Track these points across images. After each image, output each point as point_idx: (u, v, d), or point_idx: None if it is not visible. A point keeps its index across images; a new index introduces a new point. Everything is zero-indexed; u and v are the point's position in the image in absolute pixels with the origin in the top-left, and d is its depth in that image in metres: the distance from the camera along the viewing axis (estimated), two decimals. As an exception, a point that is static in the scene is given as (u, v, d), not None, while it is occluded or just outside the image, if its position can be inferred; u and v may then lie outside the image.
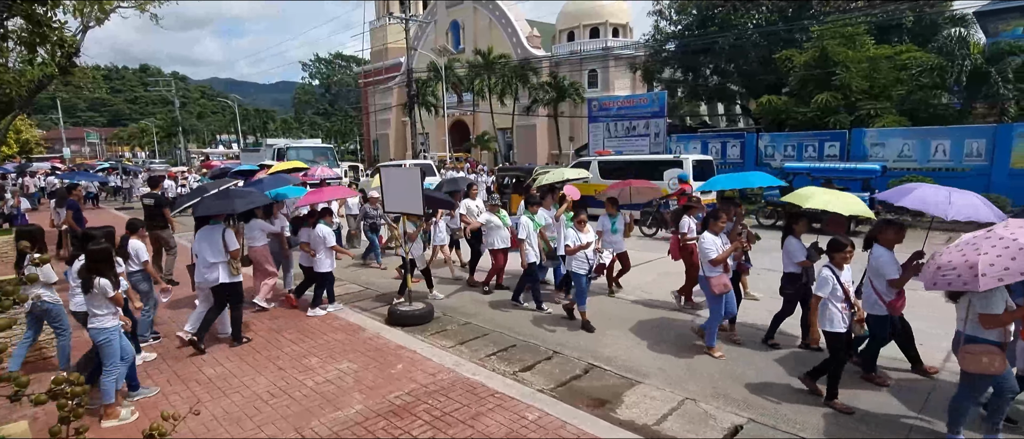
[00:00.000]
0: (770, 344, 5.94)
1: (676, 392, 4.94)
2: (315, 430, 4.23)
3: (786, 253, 5.75)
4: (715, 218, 5.74)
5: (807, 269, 5.65)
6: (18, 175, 25.62)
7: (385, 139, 52.71)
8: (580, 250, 6.49)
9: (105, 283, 4.29)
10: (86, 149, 74.08)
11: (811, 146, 18.27)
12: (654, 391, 4.98)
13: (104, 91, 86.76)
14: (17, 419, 4.30)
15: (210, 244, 5.96)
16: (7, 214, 13.69)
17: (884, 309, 4.75)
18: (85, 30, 12.63)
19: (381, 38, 52.50)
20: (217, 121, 73.01)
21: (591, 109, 25.14)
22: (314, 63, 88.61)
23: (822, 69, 19.09)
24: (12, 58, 11.83)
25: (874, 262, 4.80)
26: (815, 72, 19.31)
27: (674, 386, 5.07)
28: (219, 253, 5.94)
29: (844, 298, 4.47)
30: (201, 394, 4.90)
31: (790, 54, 20.09)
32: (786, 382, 5.10)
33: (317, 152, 24.60)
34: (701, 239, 5.70)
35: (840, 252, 4.56)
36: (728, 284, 5.63)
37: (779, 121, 21.28)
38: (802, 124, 19.65)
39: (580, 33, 39.54)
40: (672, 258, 7.60)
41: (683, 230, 7.29)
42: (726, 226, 5.93)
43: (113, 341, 4.38)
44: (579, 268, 6.56)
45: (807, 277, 5.65)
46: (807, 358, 5.50)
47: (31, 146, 45.64)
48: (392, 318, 6.94)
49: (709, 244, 5.58)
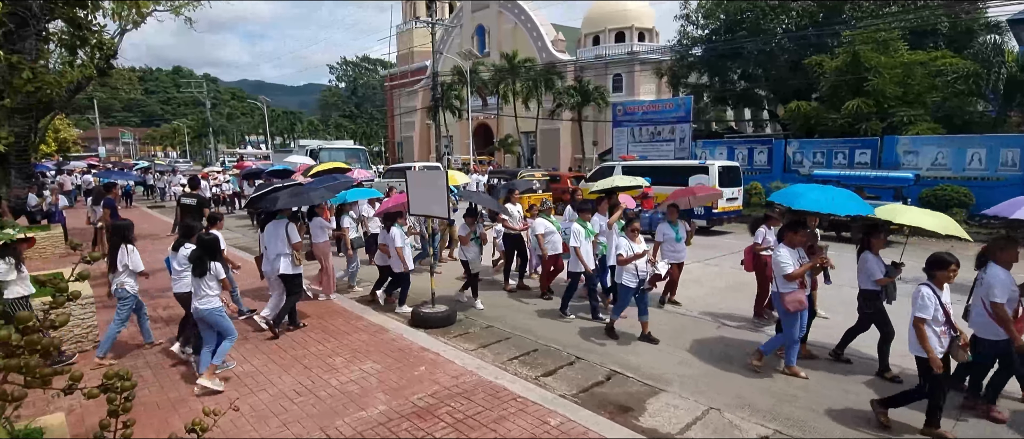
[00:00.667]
0: (842, 359, 5.61)
1: (700, 401, 4.86)
2: (340, 430, 4.28)
3: (863, 270, 5.38)
4: (793, 230, 5.33)
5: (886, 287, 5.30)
6: (56, 173, 26.58)
7: (409, 142, 53.26)
8: (633, 261, 6.17)
9: (218, 266, 4.96)
10: (121, 148, 76.41)
11: (841, 153, 17.85)
12: (677, 400, 4.91)
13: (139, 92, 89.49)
14: (53, 411, 4.44)
15: (275, 237, 6.57)
16: (46, 211, 14.19)
17: (1001, 332, 4.24)
18: (122, 33, 13.06)
19: (407, 42, 53.16)
20: (246, 122, 74.70)
21: (616, 113, 25.01)
22: (341, 66, 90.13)
23: (853, 75, 18.65)
24: (53, 60, 12.29)
25: (989, 281, 4.29)
26: (846, 78, 18.88)
27: (698, 395, 4.99)
28: (283, 245, 6.49)
29: (945, 320, 4.06)
30: (229, 390, 5.00)
31: (821, 59, 19.68)
32: (817, 395, 4.98)
33: (349, 154, 24.55)
34: (776, 252, 5.34)
35: (943, 270, 4.13)
36: (804, 301, 5.23)
37: (808, 127, 20.86)
38: (832, 131, 19.23)
39: (605, 37, 39.39)
40: (745, 269, 7.22)
41: (758, 240, 6.94)
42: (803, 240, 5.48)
43: (224, 314, 5.09)
44: (628, 281, 6.22)
45: (886, 295, 5.32)
46: (837, 374, 5.36)
47: (69, 145, 47.33)
48: (415, 319, 6.98)
49: (785, 258, 5.19)
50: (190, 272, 5.04)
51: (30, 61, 6.95)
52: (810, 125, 20.66)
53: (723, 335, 6.65)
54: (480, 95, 41.56)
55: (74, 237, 12.58)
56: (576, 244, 7.09)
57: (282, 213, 6.71)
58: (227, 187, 20.81)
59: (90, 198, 14.52)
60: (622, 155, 22.59)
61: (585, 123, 37.46)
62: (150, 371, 5.48)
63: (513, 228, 8.84)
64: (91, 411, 4.57)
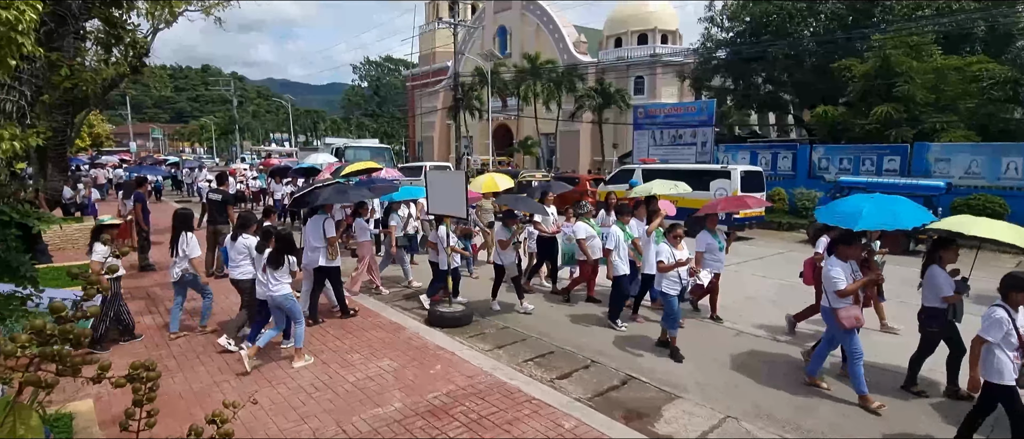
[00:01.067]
0: (914, 392, 5.13)
1: (717, 410, 4.80)
2: (356, 426, 4.33)
3: (930, 285, 5.00)
4: (846, 243, 4.96)
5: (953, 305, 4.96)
6: (90, 167, 27.44)
7: (430, 142, 53.62)
8: (675, 268, 5.95)
9: (293, 259, 5.52)
10: (151, 144, 78.46)
11: (869, 160, 17.45)
12: (694, 407, 4.85)
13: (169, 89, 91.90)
14: (82, 398, 4.60)
15: (314, 232, 6.90)
16: (79, 203, 14.66)
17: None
18: (155, 32, 13.40)
19: (430, 43, 53.57)
20: (271, 120, 76.09)
21: (637, 116, 24.84)
22: (364, 66, 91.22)
23: (884, 80, 18.21)
24: (89, 58, 12.69)
25: None
26: (876, 83, 18.43)
27: (715, 403, 4.93)
28: (320, 240, 6.82)
29: (1018, 345, 3.80)
30: (249, 385, 5.10)
31: (850, 63, 19.25)
32: (841, 407, 4.88)
33: (374, 152, 24.39)
34: (826, 265, 4.98)
35: (1021, 291, 3.81)
36: (860, 317, 4.86)
37: (834, 133, 20.43)
38: (859, 136, 18.80)
39: (628, 39, 39.14)
40: (804, 282, 6.68)
41: (819, 250, 6.40)
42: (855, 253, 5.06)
43: (294, 299, 5.56)
44: (670, 288, 6.00)
45: (953, 313, 4.98)
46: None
47: (102, 140, 48.83)
48: (432, 319, 7.04)
49: (836, 272, 4.83)
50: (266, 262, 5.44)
51: (68, 59, 7.19)
52: (837, 131, 20.23)
53: (742, 343, 6.56)
54: (500, 96, 41.65)
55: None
56: (611, 247, 6.96)
57: (323, 209, 7.04)
58: (253, 184, 21.02)
59: (121, 192, 14.95)
60: (642, 158, 22.42)
61: (605, 125, 37.24)
62: (175, 362, 5.62)
63: (546, 231, 8.67)
64: (117, 399, 4.71)
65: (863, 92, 18.96)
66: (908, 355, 5.26)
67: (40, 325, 0.93)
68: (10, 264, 3.30)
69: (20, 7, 3.28)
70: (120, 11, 11.23)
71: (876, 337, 6.45)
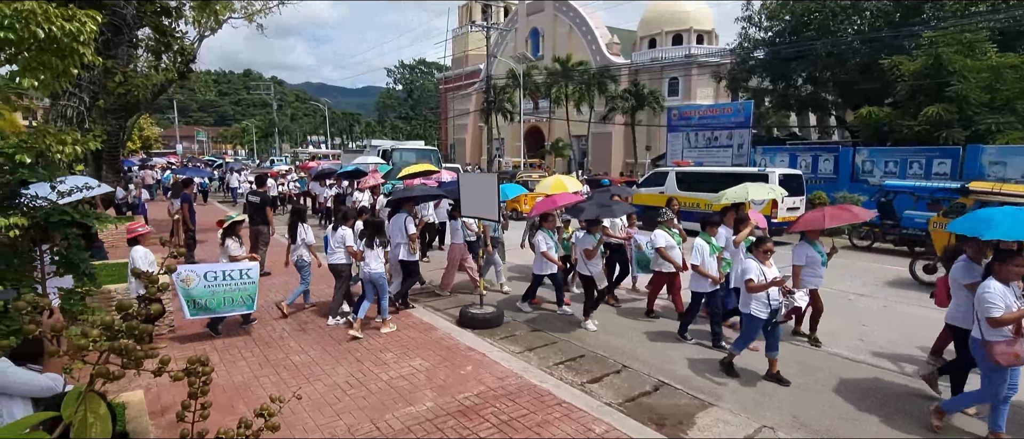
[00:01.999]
0: None
1: (752, 418, 4.69)
2: (389, 423, 4.42)
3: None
4: (1009, 261, 4.10)
5: None
6: (140, 168, 28.74)
7: (462, 143, 54.12)
8: (765, 289, 5.24)
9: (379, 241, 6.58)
10: (196, 146, 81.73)
11: (917, 163, 16.71)
12: (728, 415, 4.76)
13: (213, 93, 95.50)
14: (133, 388, 4.84)
15: (396, 228, 7.57)
16: (130, 203, 15.40)
17: None
18: (201, 39, 14.02)
19: (462, 46, 54.12)
20: (308, 123, 78.20)
21: (671, 118, 24.49)
22: (398, 69, 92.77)
23: (934, 79, 17.42)
24: (140, 64, 13.35)
25: None
26: (926, 82, 17.64)
27: (750, 412, 4.82)
28: (402, 236, 7.46)
29: None
30: (288, 379, 5.27)
31: (899, 60, 18.46)
32: (888, 417, 4.70)
33: (420, 155, 23.69)
34: (983, 288, 4.14)
35: None
36: (1021, 355, 3.98)
37: (880, 134, 19.66)
38: (907, 138, 18.03)
39: (662, 40, 38.63)
40: (936, 303, 5.75)
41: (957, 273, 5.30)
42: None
43: (385, 278, 6.67)
44: (759, 311, 5.28)
45: None
46: (914, 395, 5.02)
47: (151, 142, 51.13)
48: (463, 320, 7.10)
49: (995, 296, 4.00)
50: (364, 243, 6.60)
51: (122, 66, 7.59)
52: (882, 132, 19.45)
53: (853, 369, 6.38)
54: (532, 98, 41.69)
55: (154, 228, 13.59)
56: (698, 261, 6.36)
57: (404, 207, 7.71)
58: (293, 186, 21.25)
59: (169, 192, 15.61)
60: (676, 160, 22.08)
61: (638, 127, 36.85)
62: (217, 355, 5.85)
63: (615, 237, 8.09)
64: (165, 391, 4.93)
65: (912, 92, 18.18)
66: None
67: (109, 321, 1.01)
68: (72, 261, 3.51)
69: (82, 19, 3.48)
70: (170, 20, 11.78)
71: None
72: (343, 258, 6.97)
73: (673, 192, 15.36)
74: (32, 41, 3.15)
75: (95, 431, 0.95)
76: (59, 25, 3.24)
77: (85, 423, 0.94)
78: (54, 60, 3.35)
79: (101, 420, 0.97)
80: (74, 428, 0.94)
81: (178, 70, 13.04)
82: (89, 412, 0.95)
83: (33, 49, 3.21)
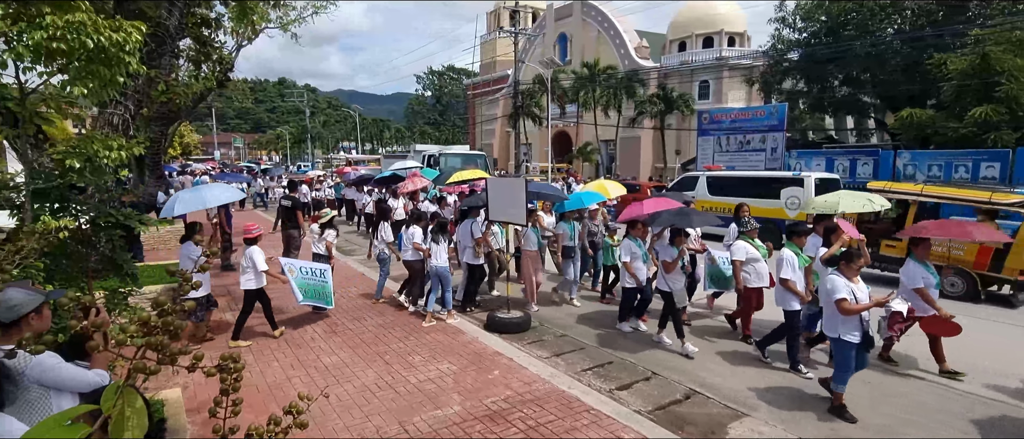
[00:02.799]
0: None
1: (788, 429, 4.54)
2: (416, 426, 4.44)
3: None
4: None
5: None
6: (179, 173, 29.79)
7: (489, 149, 54.34)
8: (860, 311, 4.59)
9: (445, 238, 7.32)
10: (232, 152, 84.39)
11: (963, 166, 15.99)
12: (763, 426, 4.61)
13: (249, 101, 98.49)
14: (171, 387, 4.99)
15: (464, 233, 7.98)
16: (172, 207, 15.96)
17: None
18: (238, 48, 14.46)
19: (490, 51, 54.44)
20: (340, 129, 79.87)
21: (701, 122, 24.07)
22: (427, 75, 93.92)
23: (982, 79, 16.66)
24: (181, 74, 13.84)
25: None
26: (973, 82, 16.89)
27: (786, 423, 4.67)
28: (469, 240, 7.85)
29: None
30: (318, 380, 5.36)
31: (944, 59, 17.68)
32: (927, 430, 4.49)
33: (466, 159, 23.31)
34: None
35: None
36: None
37: (923, 137, 18.89)
38: (952, 141, 17.28)
39: (692, 43, 38.05)
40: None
41: None
42: None
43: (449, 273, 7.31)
44: (850, 334, 4.64)
45: None
46: (949, 395, 4.78)
47: (191, 148, 53.09)
48: (490, 324, 7.10)
49: None
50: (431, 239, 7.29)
51: (165, 75, 7.88)
52: (925, 135, 18.69)
53: (809, 356, 6.16)
54: (559, 103, 41.59)
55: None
56: (789, 274, 5.74)
57: (472, 213, 8.04)
58: (329, 192, 20.73)
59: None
60: (706, 165, 21.67)
61: (668, 131, 36.34)
62: (252, 356, 5.99)
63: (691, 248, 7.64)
64: (201, 389, 5.07)
65: (958, 92, 17.43)
66: None
67: (146, 317, 1.04)
68: (115, 261, 3.66)
69: (128, 29, 3.64)
70: (209, 30, 12.22)
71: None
72: (415, 255, 7.51)
73: (703, 197, 15.10)
74: (82, 51, 3.30)
75: (132, 424, 0.98)
76: (107, 35, 3.38)
77: (122, 416, 0.97)
78: (102, 69, 3.50)
79: (137, 413, 1.00)
80: (112, 421, 0.96)
81: (217, 79, 13.45)
82: (126, 405, 0.98)
83: (83, 59, 3.37)
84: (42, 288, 2.69)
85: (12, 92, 3.65)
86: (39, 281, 3.00)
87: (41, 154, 4.02)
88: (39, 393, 2.28)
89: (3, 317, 2.23)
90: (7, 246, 2.86)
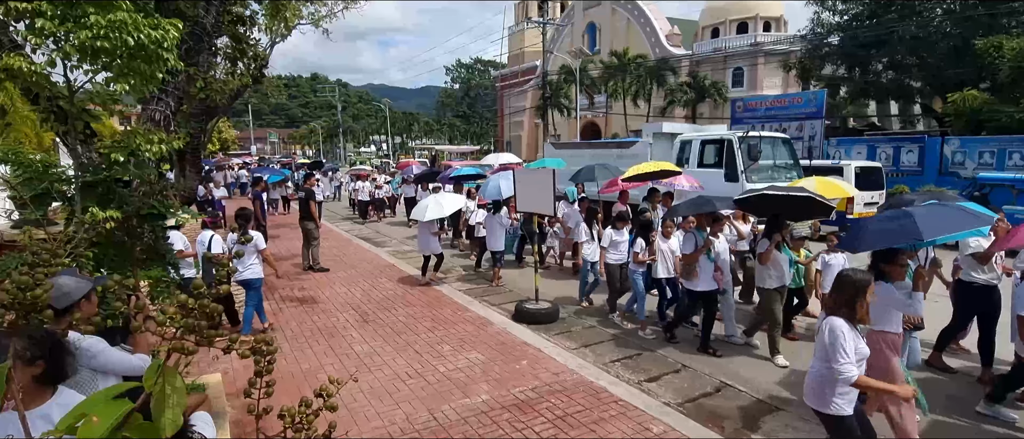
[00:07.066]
0: None
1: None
2: (446, 414, 4.51)
3: None
4: None
5: None
6: (215, 170, 30.80)
7: (518, 140, 54.26)
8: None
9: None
10: (268, 147, 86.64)
11: (1018, 153, 15.15)
12: (798, 421, 4.51)
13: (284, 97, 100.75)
14: (213, 371, 5.19)
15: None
16: (209, 200, 16.57)
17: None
18: (273, 45, 14.81)
19: (518, 42, 54.22)
20: (370, 123, 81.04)
21: (735, 110, 23.44)
22: (456, 68, 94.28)
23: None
24: (218, 71, 14.27)
25: None
26: (1029, 64, 15.95)
27: (822, 419, 4.53)
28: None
29: None
30: (350, 367, 5.49)
31: (1000, 40, 16.68)
32: (959, 426, 4.31)
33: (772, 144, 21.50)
34: None
35: None
36: None
37: (974, 123, 17.96)
38: (1007, 126, 16.37)
39: (726, 29, 37.07)
40: None
41: None
42: None
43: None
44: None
45: None
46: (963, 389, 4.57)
47: (228, 144, 54.78)
48: (519, 315, 7.13)
49: None
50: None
51: (203, 72, 8.13)
52: (977, 121, 17.76)
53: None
54: (588, 94, 41.18)
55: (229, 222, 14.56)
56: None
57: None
58: (386, 189, 19.57)
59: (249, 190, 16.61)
60: (741, 154, 21.11)
61: (700, 120, 35.57)
62: (288, 345, 6.17)
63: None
64: (240, 374, 5.25)
65: (1015, 75, 16.46)
66: None
67: (183, 300, 1.09)
68: (158, 251, 3.82)
69: (165, 27, 3.76)
70: (244, 28, 12.53)
71: None
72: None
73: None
74: (123, 49, 3.43)
75: (172, 401, 1.03)
76: (147, 33, 3.51)
77: (163, 393, 1.02)
78: (142, 66, 3.63)
79: (177, 392, 1.04)
80: (154, 397, 1.01)
81: (252, 75, 13.83)
82: (166, 384, 1.03)
83: (124, 56, 3.50)
84: (90, 276, 2.83)
85: (62, 91, 3.83)
86: (89, 269, 3.16)
87: (89, 149, 4.21)
88: (88, 375, 2.41)
89: (57, 303, 2.36)
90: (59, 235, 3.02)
